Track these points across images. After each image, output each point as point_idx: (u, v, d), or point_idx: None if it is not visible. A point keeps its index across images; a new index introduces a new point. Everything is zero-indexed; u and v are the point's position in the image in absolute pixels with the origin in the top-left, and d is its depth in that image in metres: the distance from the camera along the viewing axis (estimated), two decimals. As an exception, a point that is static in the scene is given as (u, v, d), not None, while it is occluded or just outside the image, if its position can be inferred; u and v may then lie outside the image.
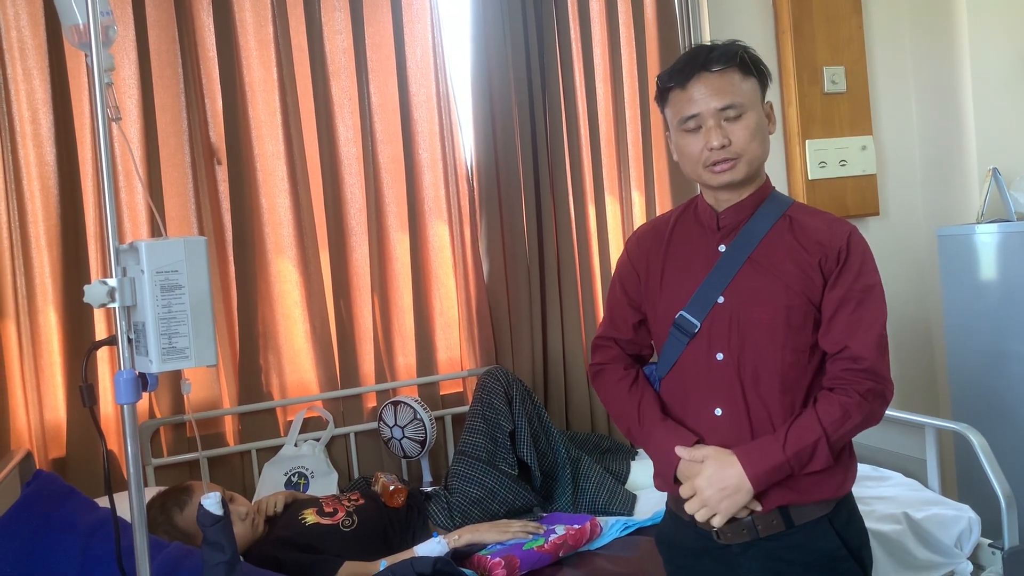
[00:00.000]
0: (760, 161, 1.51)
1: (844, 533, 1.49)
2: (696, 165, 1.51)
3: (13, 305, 2.50)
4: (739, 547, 1.50)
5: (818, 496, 1.48)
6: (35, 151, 2.54)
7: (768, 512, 1.47)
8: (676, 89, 1.51)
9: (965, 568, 2.18)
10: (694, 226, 1.59)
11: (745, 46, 1.51)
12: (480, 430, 2.51)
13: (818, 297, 1.47)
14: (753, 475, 1.42)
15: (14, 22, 2.51)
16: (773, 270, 1.48)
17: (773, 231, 1.51)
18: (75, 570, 1.79)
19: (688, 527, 1.55)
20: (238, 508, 2.21)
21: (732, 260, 1.51)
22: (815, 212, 1.55)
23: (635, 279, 1.65)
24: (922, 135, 3.52)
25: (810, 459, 1.42)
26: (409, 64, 2.88)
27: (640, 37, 3.12)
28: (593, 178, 3.06)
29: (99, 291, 1.29)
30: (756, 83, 1.51)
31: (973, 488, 2.57)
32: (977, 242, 3.02)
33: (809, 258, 1.47)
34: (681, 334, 1.53)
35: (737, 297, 1.49)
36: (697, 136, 1.49)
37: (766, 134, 1.52)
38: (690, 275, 1.55)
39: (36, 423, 2.51)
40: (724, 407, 1.50)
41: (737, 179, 1.49)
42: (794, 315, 1.47)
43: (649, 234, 1.66)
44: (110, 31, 1.38)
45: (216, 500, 1.55)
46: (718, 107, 1.46)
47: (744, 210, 1.53)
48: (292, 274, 2.80)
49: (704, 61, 1.48)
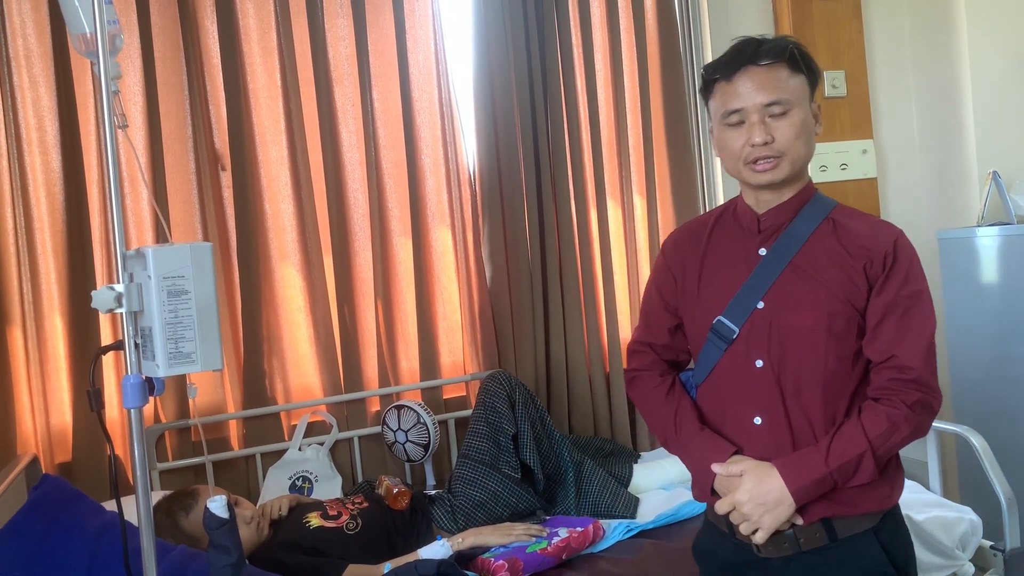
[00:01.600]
0: (804, 162, 1.46)
1: (890, 547, 1.44)
2: (737, 161, 1.46)
3: (20, 311, 2.52)
4: (780, 561, 1.45)
5: (863, 509, 1.42)
6: (41, 158, 2.56)
7: (811, 525, 1.42)
8: (721, 81, 1.45)
9: (967, 570, 2.19)
10: (734, 228, 1.54)
11: (796, 42, 1.45)
12: (483, 433, 2.52)
13: (862, 303, 1.42)
14: (795, 489, 1.37)
15: (20, 30, 2.53)
16: (815, 275, 1.43)
17: (816, 235, 1.45)
18: (82, 573, 1.80)
19: (727, 539, 1.51)
20: (243, 512, 2.23)
21: (773, 264, 1.45)
22: (860, 215, 1.50)
23: (671, 283, 1.60)
24: (922, 138, 3.53)
25: (855, 472, 1.37)
26: (412, 70, 2.90)
27: (641, 43, 3.13)
28: (595, 182, 3.07)
29: (106, 296, 1.30)
30: (805, 81, 1.45)
31: (974, 490, 2.57)
32: (978, 245, 3.03)
33: (854, 263, 1.42)
34: (719, 340, 1.48)
35: (777, 303, 1.44)
36: (740, 131, 1.44)
37: (812, 134, 1.46)
38: (729, 279, 1.49)
39: (42, 428, 2.53)
40: (764, 416, 1.45)
41: (779, 179, 1.44)
42: (836, 322, 1.41)
43: (686, 237, 1.61)
44: (117, 40, 1.39)
45: (222, 503, 1.56)
46: (763, 102, 1.41)
47: (786, 212, 1.48)
48: (296, 279, 2.81)
49: (752, 55, 1.42)
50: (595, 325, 3.07)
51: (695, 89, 3.26)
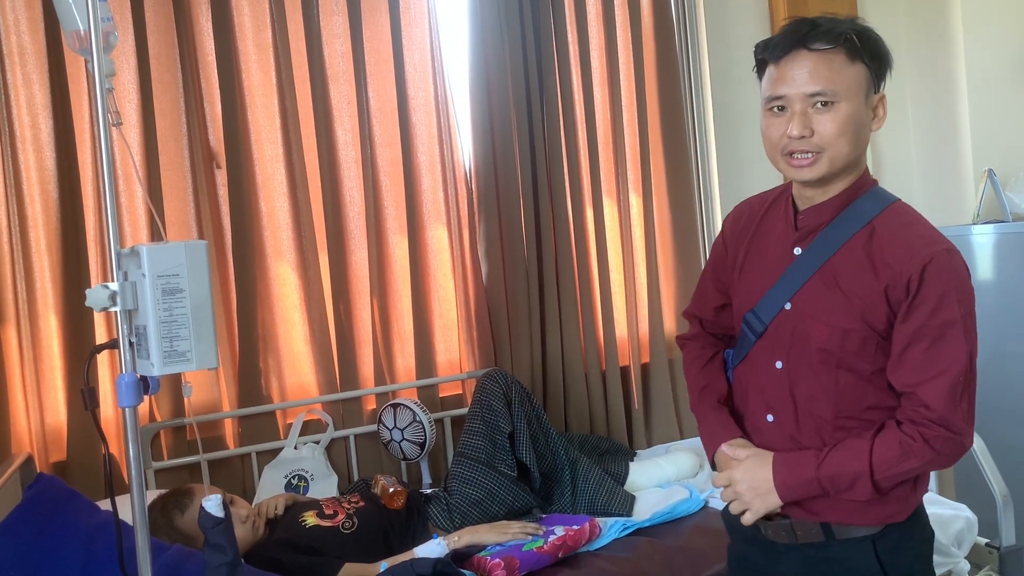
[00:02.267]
0: (846, 160, 1.35)
1: (887, 559, 1.39)
2: (775, 151, 1.38)
3: (14, 309, 2.51)
4: (783, 546, 1.47)
5: (861, 521, 1.40)
6: (35, 156, 2.55)
7: (807, 520, 1.43)
8: (770, 64, 1.37)
9: (963, 567, 2.19)
10: (780, 219, 1.47)
11: (861, 28, 1.33)
12: (479, 432, 2.52)
13: (881, 325, 1.34)
14: (780, 483, 1.39)
15: (14, 27, 2.52)
16: (839, 287, 1.36)
17: (850, 243, 1.36)
18: (77, 572, 1.79)
19: None
20: (239, 511, 2.22)
21: (804, 267, 1.40)
22: (905, 227, 1.37)
23: (725, 260, 1.57)
24: (918, 137, 3.54)
25: (848, 488, 1.34)
26: (407, 68, 2.89)
27: (637, 40, 3.13)
28: (591, 181, 3.07)
29: (101, 295, 1.30)
30: (864, 70, 1.34)
31: (970, 488, 2.58)
32: (973, 243, 3.03)
33: (876, 282, 1.33)
34: (750, 332, 1.47)
35: (802, 308, 1.39)
36: (781, 119, 1.34)
37: (862, 129, 1.35)
38: (765, 273, 1.45)
39: (37, 427, 2.52)
40: (776, 415, 1.45)
41: (816, 177, 1.35)
42: (851, 340, 1.35)
43: (745, 213, 1.56)
44: (111, 37, 1.39)
45: (217, 502, 1.55)
46: (807, 92, 1.31)
47: (825, 213, 1.39)
48: (291, 277, 2.81)
49: (804, 37, 1.32)
50: (591, 323, 3.07)
51: (691, 86, 3.26)
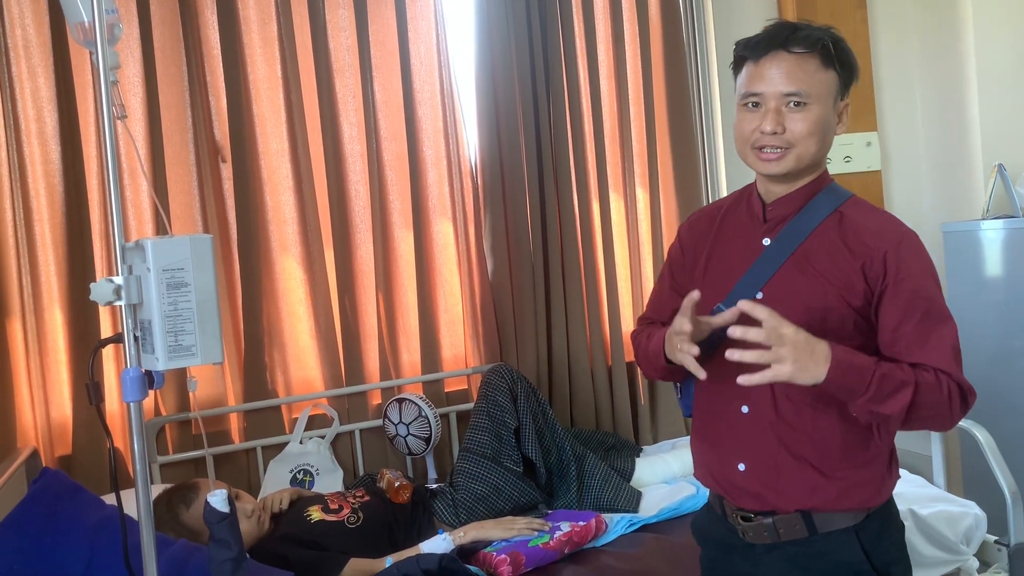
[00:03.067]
0: (812, 159, 1.42)
1: (871, 548, 1.42)
2: (745, 145, 1.44)
3: (19, 303, 2.51)
4: (763, 548, 1.46)
5: (844, 505, 1.41)
6: (40, 149, 2.54)
7: (790, 515, 1.43)
8: (749, 61, 1.42)
9: (971, 565, 2.18)
10: (744, 215, 1.52)
11: (836, 37, 1.40)
12: (485, 427, 2.52)
13: (858, 302, 1.38)
14: (837, 360, 1.25)
15: (19, 20, 2.51)
16: (813, 270, 1.41)
17: (820, 228, 1.42)
18: (82, 567, 1.79)
19: (721, 522, 1.54)
20: (244, 505, 2.22)
21: (774, 255, 1.44)
22: (871, 212, 1.46)
23: (682, 264, 1.60)
24: (927, 131, 3.51)
25: (892, 393, 1.28)
26: (413, 61, 2.88)
27: (644, 33, 3.11)
28: (597, 175, 3.06)
29: (105, 289, 1.29)
30: (835, 77, 1.41)
31: (979, 485, 2.56)
32: (982, 238, 3.01)
33: (852, 261, 1.39)
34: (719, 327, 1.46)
35: (775, 295, 1.42)
36: (755, 115, 1.41)
37: (829, 132, 1.42)
38: (733, 267, 1.49)
39: (42, 421, 2.52)
40: (752, 405, 1.45)
41: (782, 171, 1.41)
42: (830, 319, 1.38)
43: (702, 220, 1.60)
44: (115, 29, 1.38)
45: (223, 497, 1.55)
46: (783, 91, 1.38)
47: (793, 203, 1.46)
48: (296, 272, 2.80)
49: (784, 40, 1.38)
50: (597, 318, 3.05)
51: (699, 79, 3.25)
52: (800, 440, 1.42)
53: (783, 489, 1.43)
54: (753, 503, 1.46)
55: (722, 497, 1.52)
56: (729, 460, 1.48)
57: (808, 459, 1.42)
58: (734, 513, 1.49)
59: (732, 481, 1.48)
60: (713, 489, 1.55)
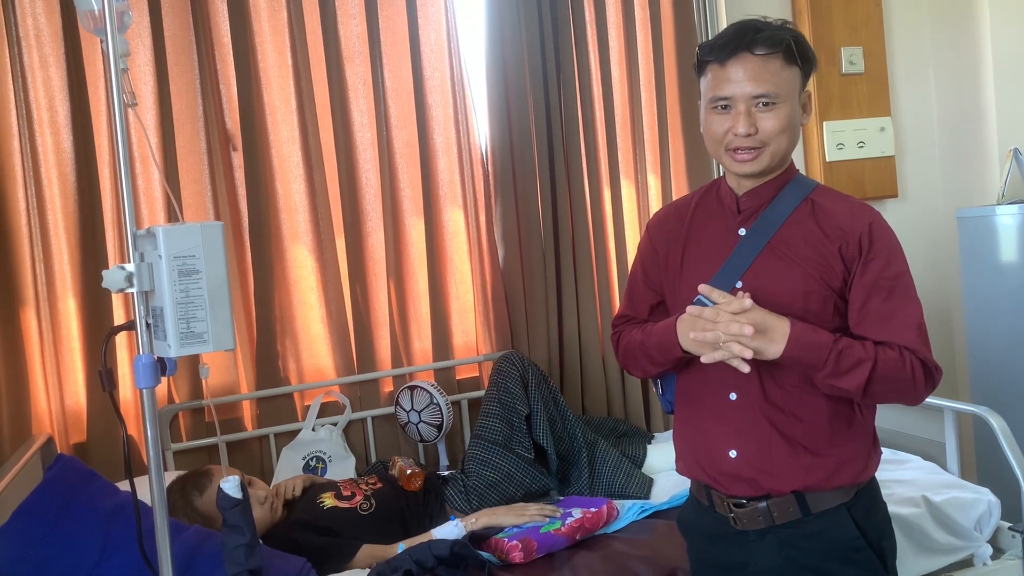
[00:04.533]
0: (785, 154, 1.47)
1: (863, 523, 1.46)
2: (718, 146, 1.47)
3: (33, 292, 2.52)
4: (756, 533, 1.48)
5: (836, 482, 1.45)
6: (52, 138, 2.55)
7: (784, 497, 1.46)
8: (714, 64, 1.45)
9: (985, 551, 2.17)
10: (716, 208, 1.56)
11: (796, 34, 1.44)
12: (496, 414, 2.52)
13: (838, 283, 1.44)
14: (795, 335, 1.34)
15: (30, 9, 2.52)
16: (791, 255, 1.45)
17: (794, 215, 1.47)
18: (96, 553, 1.81)
19: (707, 513, 1.55)
20: (257, 492, 2.23)
21: (751, 244, 1.48)
22: (840, 197, 1.51)
23: (655, 261, 1.63)
24: (941, 116, 3.48)
25: (849, 369, 1.36)
26: (423, 48, 2.87)
27: (656, 19, 3.09)
28: (608, 162, 3.04)
29: (117, 276, 1.30)
30: (798, 73, 1.45)
31: (993, 471, 2.55)
32: (997, 224, 2.99)
33: (829, 244, 1.44)
34: None
35: (755, 283, 1.46)
36: (725, 117, 1.44)
37: (797, 127, 1.47)
38: (710, 259, 1.52)
39: (57, 408, 2.54)
40: (740, 393, 1.48)
41: (758, 170, 1.46)
42: (812, 301, 1.43)
43: (671, 215, 1.64)
44: (125, 17, 1.38)
45: (236, 484, 1.56)
46: (752, 93, 1.41)
47: (765, 194, 1.50)
48: (308, 260, 2.81)
49: (749, 42, 1.41)
50: (608, 305, 3.05)
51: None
52: (790, 422, 1.46)
53: (778, 472, 1.45)
54: (746, 489, 1.48)
55: (710, 487, 1.53)
56: (719, 448, 1.50)
57: (799, 440, 1.45)
58: (724, 501, 1.51)
59: (722, 469, 1.49)
60: (700, 480, 1.56)
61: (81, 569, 1.79)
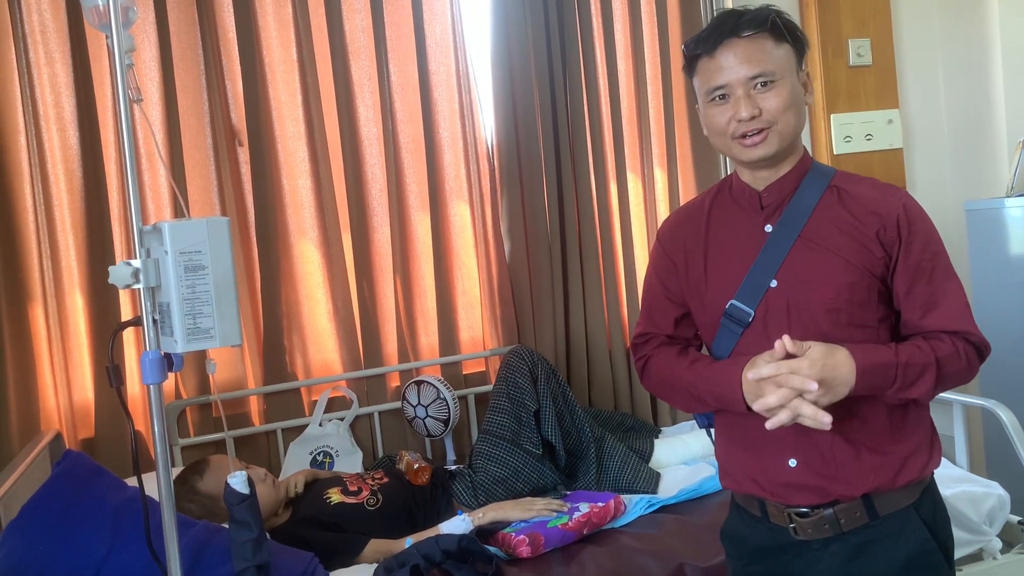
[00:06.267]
0: (794, 133, 1.41)
1: (931, 524, 1.40)
2: (725, 138, 1.41)
3: (40, 288, 2.53)
4: (819, 543, 1.40)
5: (904, 479, 1.38)
6: (59, 134, 2.55)
7: (851, 503, 1.38)
8: (703, 57, 1.40)
9: (994, 545, 2.17)
10: (733, 208, 1.49)
11: (778, 11, 1.40)
12: (504, 409, 2.52)
13: (880, 269, 1.37)
14: (860, 366, 1.28)
15: (36, 5, 2.52)
16: (827, 246, 1.38)
17: (822, 204, 1.40)
18: (104, 548, 1.81)
19: (760, 524, 1.47)
20: (257, 472, 2.25)
21: (782, 240, 1.40)
22: (862, 180, 1.44)
23: (673, 271, 1.54)
24: (950, 108, 3.46)
25: (916, 379, 1.31)
26: (429, 43, 2.87)
27: (662, 11, 3.08)
28: (615, 156, 3.04)
29: (124, 272, 1.30)
30: (790, 50, 1.40)
31: (1002, 465, 2.54)
32: (1006, 216, 2.97)
33: (865, 229, 1.38)
34: (734, 324, 1.42)
35: (792, 279, 1.38)
36: (725, 107, 1.39)
37: (802, 104, 1.41)
38: (737, 260, 1.43)
39: (65, 404, 2.55)
40: None
41: (770, 153, 1.38)
42: (857, 291, 1.37)
43: (683, 222, 1.55)
44: (130, 12, 1.38)
45: (243, 479, 1.57)
46: (748, 75, 1.36)
47: (787, 185, 1.43)
48: (314, 255, 2.81)
49: (733, 27, 1.38)
50: (615, 299, 3.04)
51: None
52: (851, 425, 1.37)
53: (846, 477, 1.38)
54: (811, 498, 1.39)
55: (763, 499, 1.44)
56: (776, 459, 1.41)
57: (863, 442, 1.38)
58: (783, 512, 1.42)
59: (782, 480, 1.41)
60: (752, 493, 1.46)
61: (89, 564, 1.79)
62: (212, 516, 2.06)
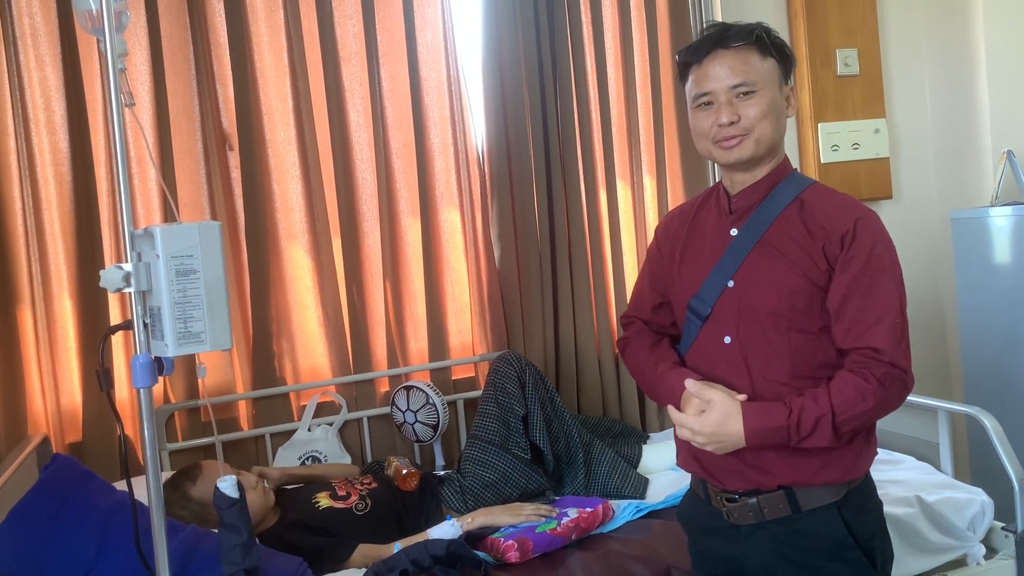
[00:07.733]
0: (770, 141, 1.49)
1: (853, 523, 1.48)
2: (706, 141, 1.51)
3: (29, 291, 2.52)
4: (747, 528, 1.51)
5: (823, 479, 1.46)
6: (48, 138, 2.55)
7: (773, 493, 1.47)
8: (694, 65, 1.50)
9: (978, 551, 2.18)
10: (713, 210, 1.59)
11: (766, 27, 1.49)
12: (493, 414, 2.52)
13: (823, 281, 1.45)
14: (751, 430, 1.40)
15: (27, 9, 2.52)
16: (779, 254, 1.47)
17: (784, 214, 1.49)
18: (93, 552, 1.81)
19: (704, 505, 1.58)
20: (248, 478, 2.25)
21: (742, 244, 1.50)
22: (830, 195, 1.52)
23: (660, 262, 1.66)
24: (936, 117, 3.49)
25: (811, 433, 1.39)
26: (420, 49, 2.88)
27: (652, 20, 3.10)
28: (604, 163, 3.05)
29: (115, 276, 1.30)
30: (775, 64, 1.49)
31: (986, 471, 2.56)
32: (991, 225, 3.00)
33: (813, 242, 1.45)
34: (695, 318, 1.54)
35: (746, 281, 1.49)
36: (708, 112, 1.49)
37: (781, 115, 1.50)
38: (704, 259, 1.55)
39: (53, 408, 2.54)
40: (734, 390, 1.49)
41: (744, 157, 1.48)
42: (799, 299, 1.45)
43: (676, 218, 1.68)
44: (123, 16, 1.38)
45: (232, 483, 1.57)
46: (731, 84, 1.46)
47: (756, 193, 1.52)
48: (304, 260, 2.81)
49: (720, 38, 1.47)
50: (604, 306, 3.06)
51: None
52: None
53: (764, 467, 1.47)
54: (737, 483, 1.50)
55: (705, 481, 1.56)
56: None
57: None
58: (718, 495, 1.53)
59: (715, 461, 1.51)
60: (697, 473, 1.59)
61: (78, 568, 1.79)
62: (203, 523, 2.06)
